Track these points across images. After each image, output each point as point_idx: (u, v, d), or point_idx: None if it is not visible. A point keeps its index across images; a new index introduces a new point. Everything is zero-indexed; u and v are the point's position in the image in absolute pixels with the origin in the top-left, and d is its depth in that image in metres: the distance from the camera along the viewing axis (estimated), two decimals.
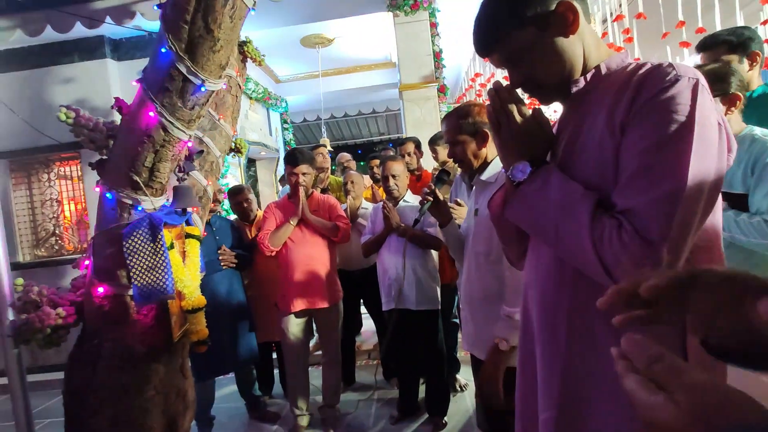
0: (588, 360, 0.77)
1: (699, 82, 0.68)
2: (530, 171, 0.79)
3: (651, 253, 0.64)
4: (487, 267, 1.37)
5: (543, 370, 0.84)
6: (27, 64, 4.25)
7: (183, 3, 1.32)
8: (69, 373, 1.53)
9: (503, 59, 0.85)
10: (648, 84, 0.69)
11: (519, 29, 0.79)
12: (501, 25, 0.81)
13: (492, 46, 0.84)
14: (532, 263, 0.88)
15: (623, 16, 3.98)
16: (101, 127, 1.65)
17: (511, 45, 0.81)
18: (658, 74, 0.70)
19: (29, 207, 4.51)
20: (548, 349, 0.82)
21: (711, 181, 0.67)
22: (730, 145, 0.72)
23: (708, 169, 0.66)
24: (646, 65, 0.74)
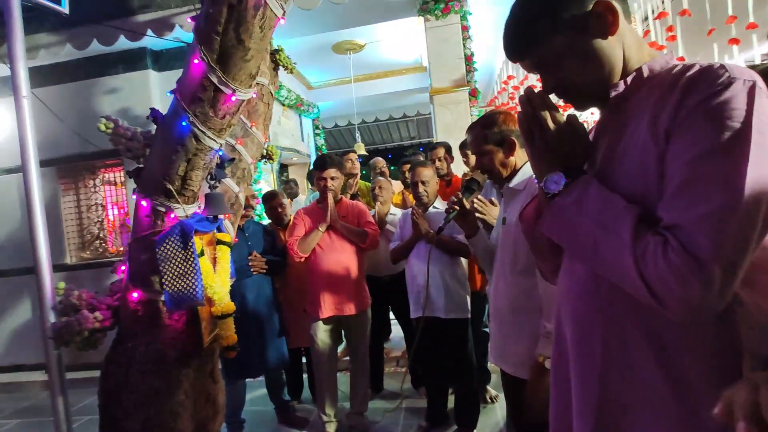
0: (625, 383, 0.71)
1: (756, 85, 0.61)
2: (565, 182, 0.74)
3: (700, 273, 0.58)
4: (513, 278, 1.31)
5: (578, 392, 0.79)
6: (75, 76, 4.50)
7: (215, 15, 1.35)
8: (104, 374, 1.58)
9: (536, 64, 0.80)
10: (697, 87, 0.63)
11: (554, 33, 0.75)
12: (535, 29, 0.76)
13: (525, 51, 0.80)
14: (565, 281, 0.83)
15: (666, 14, 3.80)
16: (138, 137, 1.70)
17: (545, 49, 0.77)
18: (708, 76, 0.63)
19: (76, 211, 4.74)
20: (583, 371, 0.77)
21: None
22: None
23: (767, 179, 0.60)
24: (694, 66, 0.68)
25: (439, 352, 2.51)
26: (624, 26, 0.76)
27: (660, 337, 0.68)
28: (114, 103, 4.49)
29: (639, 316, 0.70)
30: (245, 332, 2.61)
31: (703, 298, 0.58)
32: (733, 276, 0.59)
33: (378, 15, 4.24)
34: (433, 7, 3.96)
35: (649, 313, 0.67)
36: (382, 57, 6.20)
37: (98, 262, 4.66)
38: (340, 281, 2.61)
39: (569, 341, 0.80)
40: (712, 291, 0.58)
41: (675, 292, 0.60)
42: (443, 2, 3.95)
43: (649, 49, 0.80)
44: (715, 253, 0.58)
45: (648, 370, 0.69)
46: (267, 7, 1.36)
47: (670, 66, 0.74)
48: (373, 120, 8.69)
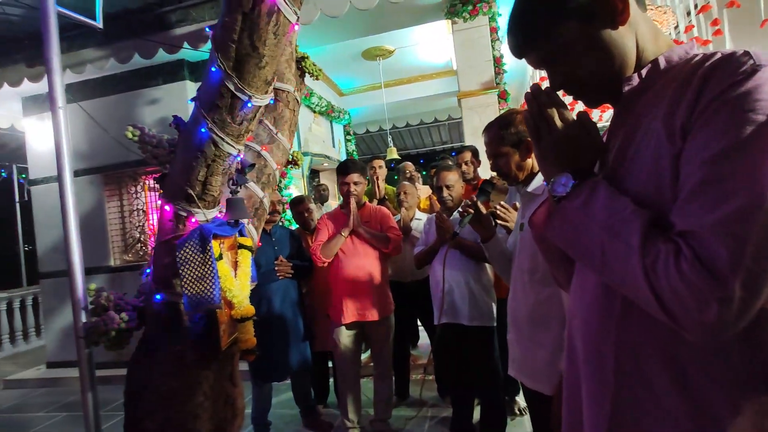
0: (640, 406, 0.65)
1: None
2: (573, 184, 0.69)
3: (717, 288, 0.51)
4: (532, 286, 1.25)
5: (589, 408, 0.73)
6: (118, 89, 4.76)
7: (230, 23, 1.38)
8: (129, 374, 1.63)
9: (542, 58, 0.76)
10: (717, 77, 0.57)
11: (559, 24, 0.70)
12: (538, 21, 0.72)
13: (529, 44, 0.75)
14: (577, 291, 0.77)
15: (710, 6, 3.58)
16: (164, 143, 1.76)
17: (550, 43, 0.72)
18: (730, 64, 0.57)
19: (120, 216, 5.00)
20: (594, 387, 0.71)
21: None
22: None
23: None
24: (715, 55, 0.61)
25: (463, 361, 2.44)
26: (637, 14, 0.71)
27: (679, 358, 0.61)
28: (154, 113, 4.72)
29: (655, 334, 0.63)
30: (270, 336, 2.65)
31: (720, 317, 0.52)
32: (756, 292, 0.52)
33: (405, 20, 4.24)
34: (461, 9, 3.91)
35: (667, 330, 0.60)
36: (412, 61, 6.20)
37: (139, 264, 4.88)
38: (363, 286, 2.60)
39: (580, 357, 0.75)
40: (731, 309, 0.51)
41: (689, 309, 0.53)
42: (471, 4, 3.89)
43: (667, 39, 0.74)
44: (735, 266, 0.51)
45: (665, 393, 0.62)
46: (280, 13, 1.38)
47: (689, 56, 0.68)
48: (404, 125, 8.68)
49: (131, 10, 3.85)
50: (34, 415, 4.02)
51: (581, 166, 0.71)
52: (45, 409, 4.12)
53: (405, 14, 4.04)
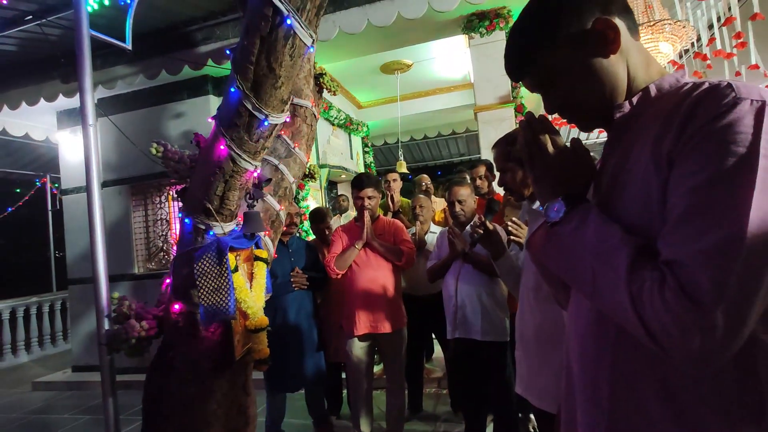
0: (634, 428, 0.65)
1: (766, 105, 0.56)
2: (565, 210, 0.71)
3: (699, 316, 0.52)
4: (537, 304, 1.25)
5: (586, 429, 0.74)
6: (146, 103, 4.97)
7: (249, 46, 1.45)
8: (148, 381, 1.69)
9: (536, 83, 0.78)
10: (701, 108, 0.58)
11: (551, 51, 0.73)
12: (532, 47, 0.75)
13: (521, 70, 0.78)
14: (573, 314, 0.79)
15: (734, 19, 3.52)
16: (185, 159, 1.84)
17: (542, 68, 0.75)
18: (714, 96, 0.58)
19: (144, 226, 5.18)
20: (589, 409, 0.72)
21: None
22: None
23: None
24: (703, 85, 0.63)
25: (475, 376, 2.43)
26: (628, 43, 0.73)
27: (673, 385, 0.62)
28: (179, 127, 4.90)
29: (649, 360, 0.64)
30: (285, 346, 2.70)
31: (704, 346, 0.53)
32: (739, 322, 0.53)
33: (422, 35, 4.31)
34: (478, 24, 3.96)
35: (660, 357, 0.61)
36: (430, 75, 6.26)
37: (161, 273, 5.02)
38: (376, 299, 2.63)
39: (576, 381, 0.76)
40: (714, 339, 0.52)
41: (674, 338, 0.54)
42: (488, 20, 3.93)
43: (659, 66, 0.76)
44: (717, 295, 0.52)
45: (660, 419, 0.62)
46: (296, 36, 1.44)
47: (680, 84, 0.70)
48: (422, 137, 8.74)
49: (160, 29, 4.03)
50: (59, 416, 4.16)
51: (574, 192, 0.72)
52: (70, 411, 4.26)
53: (422, 30, 4.11)
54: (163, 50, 4.03)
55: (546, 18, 0.73)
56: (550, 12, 0.73)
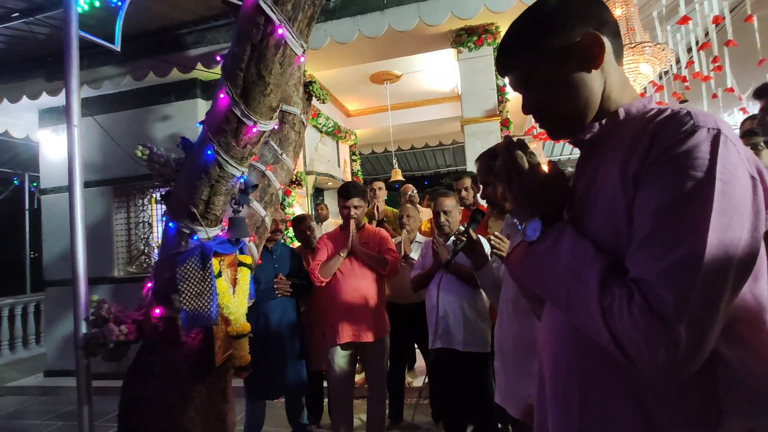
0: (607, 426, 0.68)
1: (721, 133, 0.60)
2: (542, 229, 0.74)
3: (666, 333, 0.55)
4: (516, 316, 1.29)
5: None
6: (132, 104, 4.91)
7: (239, 53, 1.46)
8: (125, 385, 1.67)
9: (518, 81, 0.81)
10: (662, 134, 0.62)
11: (538, 56, 0.76)
12: (521, 48, 0.78)
13: (509, 66, 0.81)
14: (546, 323, 0.81)
15: (710, 44, 3.67)
16: (171, 163, 1.84)
17: (527, 69, 0.78)
18: (674, 123, 0.62)
19: (126, 228, 5.09)
20: (560, 417, 0.74)
21: (742, 244, 0.57)
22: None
23: (736, 230, 0.57)
24: (665, 111, 0.67)
25: (457, 386, 2.45)
26: (611, 64, 0.76)
27: (641, 395, 0.65)
28: (165, 129, 4.85)
29: (618, 371, 0.67)
30: (267, 353, 2.67)
31: (670, 359, 0.56)
32: (702, 336, 0.56)
33: (412, 47, 4.38)
34: (466, 39, 4.04)
35: (629, 368, 0.64)
36: (419, 86, 6.34)
37: (142, 276, 4.93)
38: (359, 307, 2.63)
39: (548, 390, 0.78)
40: (679, 352, 0.55)
41: (642, 352, 0.57)
42: (476, 35, 4.02)
43: (633, 92, 0.80)
44: (681, 311, 0.55)
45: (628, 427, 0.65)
46: (287, 46, 1.46)
47: (646, 110, 0.73)
48: (410, 147, 8.81)
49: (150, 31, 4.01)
50: (31, 422, 4.03)
51: (550, 212, 0.76)
52: (42, 417, 4.13)
53: (412, 42, 4.18)
54: (152, 52, 4.01)
55: (539, 22, 0.76)
56: (545, 17, 0.76)
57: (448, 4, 3.59)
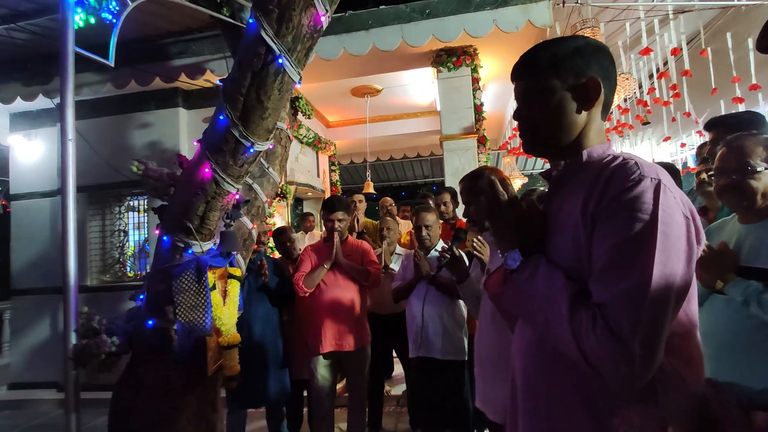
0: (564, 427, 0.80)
1: (661, 183, 0.73)
2: (521, 260, 0.85)
3: (623, 350, 0.67)
4: (494, 327, 1.41)
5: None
6: (111, 111, 4.85)
7: (240, 79, 1.55)
8: (115, 396, 1.70)
9: (523, 90, 0.92)
10: (614, 181, 0.75)
11: (550, 78, 0.87)
12: (541, 66, 0.88)
13: (523, 74, 0.92)
14: (519, 337, 0.94)
15: (668, 74, 3.98)
16: (165, 178, 1.89)
17: (535, 86, 0.89)
18: (623, 172, 0.76)
19: (101, 236, 5.00)
20: (530, 416, 0.86)
21: (680, 274, 0.71)
22: (699, 237, 0.76)
23: (675, 264, 0.70)
24: (617, 159, 0.80)
25: (435, 393, 2.55)
26: (596, 112, 0.89)
27: (594, 396, 0.77)
28: (145, 137, 4.82)
29: (578, 381, 0.79)
30: (250, 363, 2.71)
31: (629, 372, 0.68)
32: (652, 351, 0.69)
33: (393, 65, 4.53)
34: (446, 60, 4.22)
35: (587, 379, 0.77)
36: (398, 101, 6.50)
37: (117, 286, 4.86)
38: (342, 317, 2.72)
39: (519, 393, 0.90)
40: (635, 366, 0.68)
41: (606, 366, 0.69)
42: (455, 56, 4.20)
43: (602, 138, 0.91)
44: (633, 331, 0.67)
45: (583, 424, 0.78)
46: (286, 74, 1.56)
47: (604, 155, 0.87)
48: (388, 158, 8.96)
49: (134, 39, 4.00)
50: None
51: (528, 244, 0.88)
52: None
53: (394, 60, 4.32)
54: (135, 61, 4.00)
55: (567, 53, 0.87)
56: (572, 51, 0.87)
57: (430, 27, 3.76)
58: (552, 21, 3.62)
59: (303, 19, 1.49)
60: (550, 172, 0.95)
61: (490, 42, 4.01)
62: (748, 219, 1.42)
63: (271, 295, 2.94)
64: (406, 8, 3.85)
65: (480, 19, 3.70)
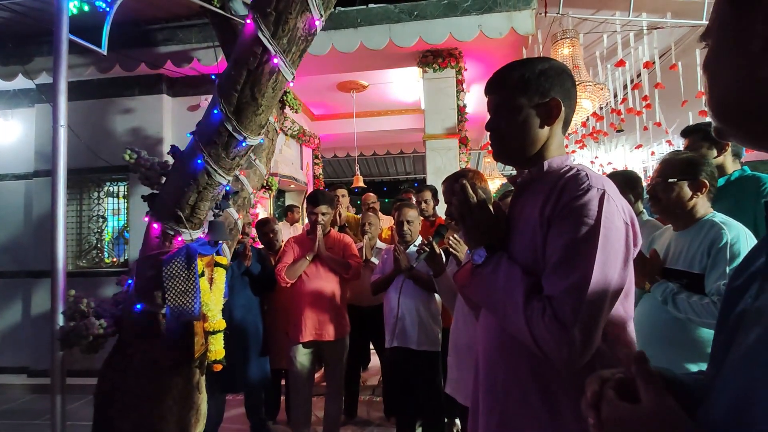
0: (520, 405, 0.92)
1: (606, 193, 0.86)
2: (486, 256, 0.97)
3: (566, 335, 0.79)
4: (471, 318, 1.53)
5: (484, 416, 1.00)
6: (93, 94, 4.76)
7: (236, 76, 1.62)
8: (103, 376, 1.75)
9: (495, 104, 1.03)
10: (567, 190, 0.88)
11: (518, 95, 0.98)
12: (512, 83, 1.00)
13: (495, 91, 1.03)
14: (482, 324, 1.06)
15: (640, 85, 4.19)
16: (156, 167, 1.94)
17: (505, 101, 1.00)
18: (575, 182, 0.88)
19: (77, 221, 4.93)
20: (488, 397, 0.98)
21: (617, 272, 0.83)
22: (636, 241, 0.89)
23: (613, 264, 0.83)
24: (572, 170, 0.93)
25: (409, 383, 2.68)
26: (557, 128, 1.01)
27: (545, 377, 0.90)
28: (127, 123, 4.77)
29: (532, 363, 0.91)
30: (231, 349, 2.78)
31: (570, 353, 0.80)
32: (590, 337, 0.81)
33: (380, 63, 4.60)
34: (432, 61, 4.33)
35: (537, 360, 0.89)
36: (384, 97, 6.58)
37: (93, 272, 4.81)
38: (322, 308, 2.81)
39: (480, 375, 1.02)
40: (575, 349, 0.80)
41: (552, 349, 0.81)
42: (441, 58, 4.31)
43: (562, 150, 1.04)
44: (575, 320, 0.79)
45: (536, 402, 0.90)
46: (280, 73, 1.63)
47: (562, 166, 0.99)
48: (371, 153, 9.03)
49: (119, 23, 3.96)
50: None
51: (492, 242, 0.99)
52: None
53: (381, 59, 4.40)
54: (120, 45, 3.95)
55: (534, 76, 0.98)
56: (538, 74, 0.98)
57: (418, 29, 3.86)
58: (534, 29, 3.76)
59: (299, 23, 1.56)
60: (515, 178, 1.07)
61: (475, 46, 4.14)
62: (676, 226, 1.64)
63: (253, 281, 3.01)
64: (395, 9, 3.93)
65: (466, 24, 3.82)
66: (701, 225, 1.53)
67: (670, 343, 1.50)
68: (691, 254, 1.51)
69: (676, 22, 3.87)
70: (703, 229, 1.52)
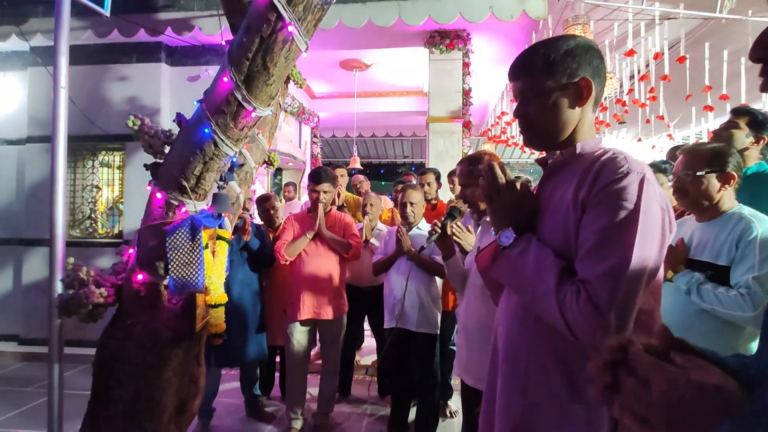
0: (542, 388, 0.92)
1: (645, 177, 0.83)
2: (514, 237, 0.95)
3: (601, 319, 0.78)
4: (483, 300, 1.52)
5: (503, 395, 0.99)
6: (89, 60, 4.61)
7: (247, 43, 1.56)
8: (102, 346, 1.73)
9: (521, 90, 0.99)
10: (604, 173, 0.85)
11: (546, 78, 0.94)
12: (538, 66, 0.95)
13: (521, 75, 0.99)
14: (503, 306, 1.05)
15: (648, 77, 4.14)
16: (160, 135, 1.89)
17: (532, 86, 0.96)
18: (613, 165, 0.86)
19: (71, 190, 4.83)
20: (510, 375, 0.98)
21: (653, 258, 0.82)
22: (671, 227, 0.87)
23: (650, 249, 0.81)
24: (608, 153, 0.90)
25: (406, 364, 2.70)
26: (588, 109, 0.97)
27: (566, 358, 0.90)
28: (123, 91, 4.64)
29: (554, 343, 0.91)
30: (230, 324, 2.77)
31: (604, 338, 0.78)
32: (625, 321, 0.80)
33: (387, 41, 4.51)
34: (439, 41, 4.24)
35: (561, 342, 0.88)
36: (386, 78, 6.48)
37: (86, 242, 4.75)
38: (321, 286, 2.80)
39: (500, 356, 1.01)
40: (610, 333, 0.78)
41: (585, 333, 0.80)
42: (449, 39, 4.23)
43: (593, 132, 1.01)
44: (611, 304, 0.78)
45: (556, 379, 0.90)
46: (293, 42, 1.58)
47: (595, 149, 0.96)
48: (370, 135, 8.95)
49: None
50: None
51: (520, 224, 0.97)
52: None
53: (388, 36, 4.31)
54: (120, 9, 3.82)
55: (560, 56, 0.94)
56: (564, 54, 0.94)
57: (428, 7, 3.77)
58: (546, 14, 3.69)
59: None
60: (545, 159, 1.04)
61: (484, 28, 4.06)
62: (701, 218, 1.61)
63: (252, 255, 2.98)
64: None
65: (477, 5, 3.73)
66: (728, 217, 1.52)
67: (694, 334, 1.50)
68: (717, 246, 1.50)
69: (690, 13, 3.81)
70: (730, 221, 1.50)
